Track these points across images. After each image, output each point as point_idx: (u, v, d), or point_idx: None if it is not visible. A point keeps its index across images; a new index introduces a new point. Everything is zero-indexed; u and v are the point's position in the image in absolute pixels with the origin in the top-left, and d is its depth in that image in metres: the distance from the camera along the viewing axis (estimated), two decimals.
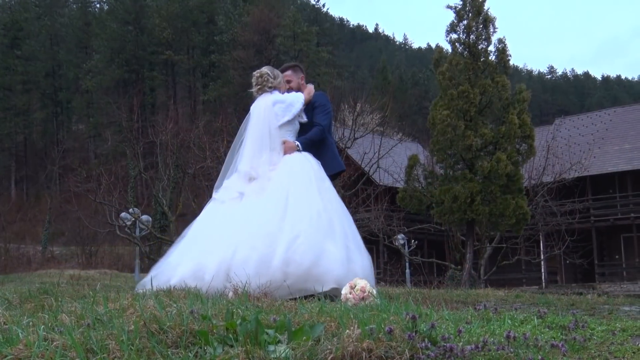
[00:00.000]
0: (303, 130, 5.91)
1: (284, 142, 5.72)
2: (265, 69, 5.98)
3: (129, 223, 23.13)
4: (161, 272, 5.40)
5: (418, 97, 69.19)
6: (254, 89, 5.94)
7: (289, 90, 6.02)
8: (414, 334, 2.54)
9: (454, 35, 20.95)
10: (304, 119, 5.94)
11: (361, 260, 5.36)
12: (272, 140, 5.71)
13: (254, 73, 5.99)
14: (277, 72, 6.00)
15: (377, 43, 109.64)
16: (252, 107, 5.92)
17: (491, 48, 20.81)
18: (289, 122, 5.80)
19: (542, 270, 35.51)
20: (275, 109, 5.77)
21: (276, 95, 5.87)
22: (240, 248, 5.09)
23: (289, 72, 6.15)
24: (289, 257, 4.97)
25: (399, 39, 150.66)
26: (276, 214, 5.25)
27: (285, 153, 5.68)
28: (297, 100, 5.87)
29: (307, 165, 5.70)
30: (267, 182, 5.51)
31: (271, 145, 5.69)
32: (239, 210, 5.42)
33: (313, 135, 5.91)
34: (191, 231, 5.64)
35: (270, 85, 5.88)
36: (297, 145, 5.78)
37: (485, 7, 20.88)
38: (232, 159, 5.87)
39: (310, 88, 6.16)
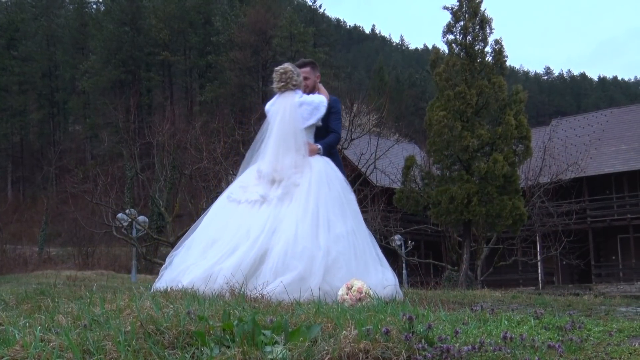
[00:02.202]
0: (316, 135, 5.72)
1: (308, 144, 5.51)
2: (288, 66, 5.73)
3: (125, 224, 23.09)
4: (173, 273, 5.21)
5: (415, 98, 69.23)
6: (276, 86, 5.65)
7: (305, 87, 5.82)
8: (410, 334, 2.54)
9: (451, 36, 20.99)
10: (320, 123, 5.71)
11: (392, 276, 5.29)
12: (298, 142, 5.45)
13: (278, 69, 5.70)
14: (298, 69, 5.75)
15: (374, 44, 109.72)
16: (274, 105, 5.68)
17: (488, 49, 20.87)
18: (311, 125, 5.61)
19: (539, 271, 35.54)
20: (301, 110, 5.55)
21: (302, 95, 5.65)
22: (271, 257, 4.86)
23: (307, 69, 5.93)
24: (329, 281, 4.76)
25: (395, 39, 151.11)
26: (309, 228, 5.00)
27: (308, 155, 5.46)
28: (322, 104, 5.66)
29: (333, 174, 5.50)
30: (294, 187, 5.24)
31: (296, 147, 5.43)
32: (263, 215, 5.13)
33: (331, 141, 5.75)
34: (203, 230, 5.40)
35: (294, 83, 5.63)
36: (319, 149, 5.59)
37: (482, 8, 20.94)
38: (251, 158, 5.63)
39: (325, 92, 5.97)
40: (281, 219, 5.08)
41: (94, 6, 73.68)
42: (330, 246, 4.97)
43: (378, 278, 5.07)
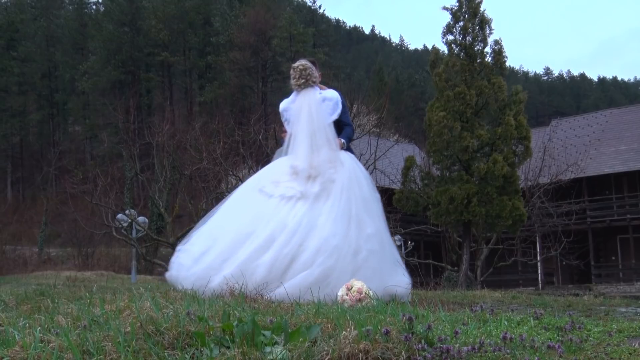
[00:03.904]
0: None
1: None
2: (307, 62, 5.73)
3: (125, 224, 23.09)
4: (199, 265, 5.07)
5: (414, 99, 69.20)
6: (296, 83, 5.65)
7: None
8: (410, 335, 2.54)
9: (450, 37, 20.97)
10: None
11: (409, 278, 5.39)
12: (328, 138, 5.47)
13: (296, 66, 5.70)
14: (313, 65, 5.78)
15: (374, 44, 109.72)
16: (294, 102, 5.66)
17: (487, 49, 20.85)
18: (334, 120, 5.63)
19: (539, 271, 35.55)
20: (324, 105, 5.56)
21: (322, 92, 5.66)
22: (304, 254, 4.87)
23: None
24: (359, 280, 4.75)
25: (395, 40, 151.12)
26: (343, 226, 5.05)
27: None
28: (339, 99, 5.70)
29: (360, 172, 5.56)
30: (330, 184, 5.25)
31: (328, 143, 5.44)
32: (299, 211, 5.11)
33: (350, 135, 5.79)
34: (230, 220, 5.31)
35: (314, 79, 5.65)
36: (344, 143, 5.63)
37: (482, 9, 20.92)
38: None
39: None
40: (317, 216, 5.08)
41: (94, 7, 73.70)
42: (361, 245, 5.03)
43: (401, 278, 5.17)
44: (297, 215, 5.08)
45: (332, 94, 5.71)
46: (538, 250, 31.73)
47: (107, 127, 52.82)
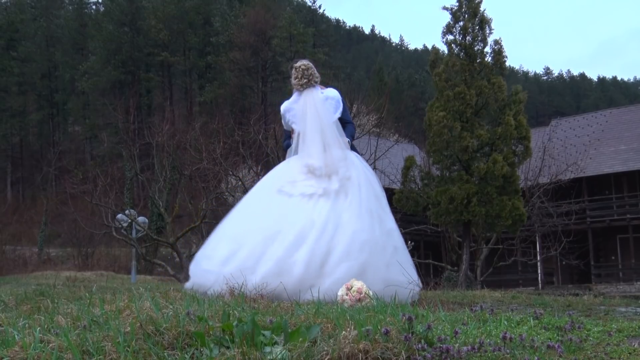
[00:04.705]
0: None
1: None
2: (308, 63, 5.74)
3: (125, 225, 23.09)
4: (227, 267, 4.99)
5: (414, 99, 69.23)
6: (298, 82, 5.64)
7: None
8: (410, 335, 2.54)
9: (450, 37, 20.94)
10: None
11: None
12: (337, 136, 5.50)
13: (298, 66, 5.70)
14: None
15: (374, 44, 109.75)
16: (297, 102, 5.65)
17: (487, 49, 20.81)
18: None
19: (539, 271, 35.54)
20: (327, 104, 5.59)
21: (323, 91, 5.68)
22: (337, 250, 4.90)
23: None
24: (389, 275, 4.88)
25: (395, 40, 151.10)
26: (368, 221, 5.12)
27: None
28: (339, 97, 5.74)
29: (368, 170, 5.65)
30: (347, 181, 5.28)
31: (337, 141, 5.47)
32: (323, 208, 5.12)
33: (353, 133, 5.81)
34: (253, 222, 5.24)
35: (316, 79, 5.67)
36: (348, 141, 5.66)
37: (482, 9, 20.89)
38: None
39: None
40: (341, 213, 5.11)
41: (94, 7, 73.75)
42: (386, 240, 5.15)
43: (416, 275, 5.32)
44: (323, 212, 5.10)
45: (334, 93, 5.74)
46: (538, 250, 31.71)
47: (107, 127, 52.85)
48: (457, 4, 20.99)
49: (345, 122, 5.81)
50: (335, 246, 4.90)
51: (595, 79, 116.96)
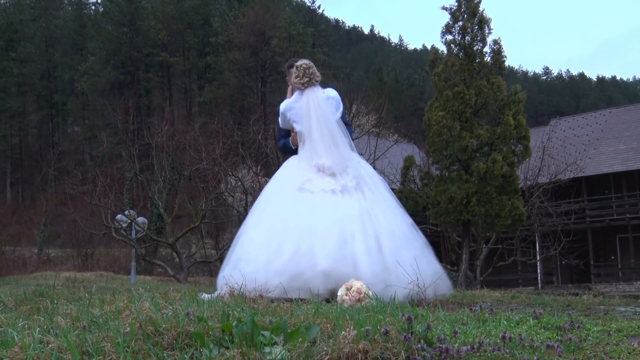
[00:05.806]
0: None
1: None
2: (309, 62, 5.71)
3: (124, 225, 23.07)
4: (273, 266, 4.84)
5: (414, 98, 69.30)
6: (300, 81, 5.57)
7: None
8: (409, 335, 2.54)
9: (449, 37, 20.96)
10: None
11: None
12: (341, 135, 5.48)
13: (300, 64, 5.63)
14: None
15: (373, 44, 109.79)
16: (298, 102, 5.59)
17: (486, 49, 20.83)
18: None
19: (538, 271, 35.55)
20: (329, 104, 5.56)
21: (324, 90, 5.68)
22: (385, 242, 4.91)
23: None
24: (425, 267, 4.85)
25: (394, 40, 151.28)
26: (395, 215, 5.20)
27: None
28: (339, 97, 5.73)
29: (371, 169, 5.69)
30: (360, 178, 5.29)
31: (342, 140, 5.45)
32: (353, 202, 5.10)
33: (351, 133, 5.77)
34: (283, 221, 5.11)
35: (317, 78, 5.63)
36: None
37: (481, 9, 20.90)
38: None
39: None
40: (370, 206, 5.11)
41: (93, 7, 73.74)
42: (415, 233, 5.19)
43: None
44: (353, 206, 5.08)
45: (334, 93, 5.73)
46: (537, 249, 31.72)
47: (107, 127, 52.85)
48: (456, 4, 21.00)
49: (344, 123, 5.82)
50: (380, 238, 4.91)
51: (594, 78, 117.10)
